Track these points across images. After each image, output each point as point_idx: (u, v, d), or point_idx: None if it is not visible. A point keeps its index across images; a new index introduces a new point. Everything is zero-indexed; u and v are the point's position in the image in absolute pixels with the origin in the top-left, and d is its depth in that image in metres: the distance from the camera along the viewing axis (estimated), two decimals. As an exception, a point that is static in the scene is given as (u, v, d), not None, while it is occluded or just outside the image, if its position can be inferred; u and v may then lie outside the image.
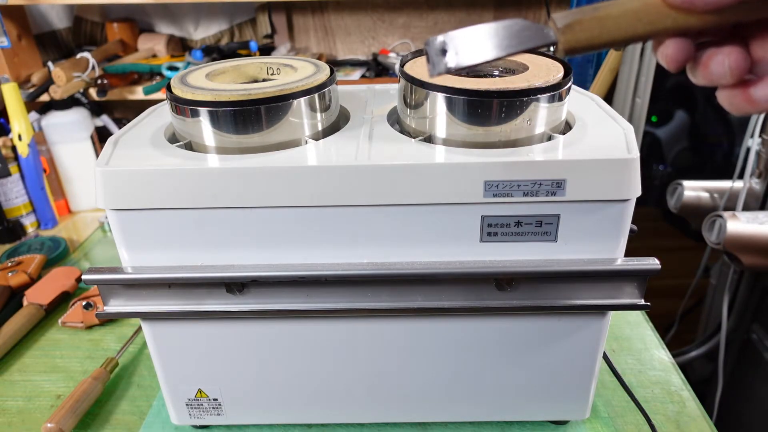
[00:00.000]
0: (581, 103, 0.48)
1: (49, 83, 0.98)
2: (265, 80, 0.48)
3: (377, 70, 1.15)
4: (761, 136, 0.96)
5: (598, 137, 0.41)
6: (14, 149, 0.90)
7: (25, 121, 0.89)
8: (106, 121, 1.07)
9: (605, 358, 0.54)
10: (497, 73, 0.46)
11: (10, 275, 0.75)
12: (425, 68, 0.43)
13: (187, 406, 0.51)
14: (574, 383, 0.49)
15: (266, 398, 0.50)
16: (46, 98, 0.98)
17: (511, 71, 0.45)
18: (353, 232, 0.41)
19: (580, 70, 1.11)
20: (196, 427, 0.53)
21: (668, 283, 0.99)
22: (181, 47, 1.24)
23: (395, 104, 0.49)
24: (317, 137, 0.44)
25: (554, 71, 0.42)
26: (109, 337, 0.68)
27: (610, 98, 1.13)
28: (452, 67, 0.28)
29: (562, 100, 0.41)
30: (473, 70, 0.46)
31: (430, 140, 0.42)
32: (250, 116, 0.41)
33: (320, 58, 1.20)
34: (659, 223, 1.45)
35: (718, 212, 0.90)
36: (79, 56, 1.04)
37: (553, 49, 0.28)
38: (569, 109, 0.46)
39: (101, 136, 1.05)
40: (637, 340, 0.66)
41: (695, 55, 0.28)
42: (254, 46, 1.10)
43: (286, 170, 0.39)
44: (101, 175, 0.39)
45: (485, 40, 0.28)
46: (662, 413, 0.55)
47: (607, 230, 0.41)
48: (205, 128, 0.41)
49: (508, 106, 0.39)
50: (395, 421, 0.54)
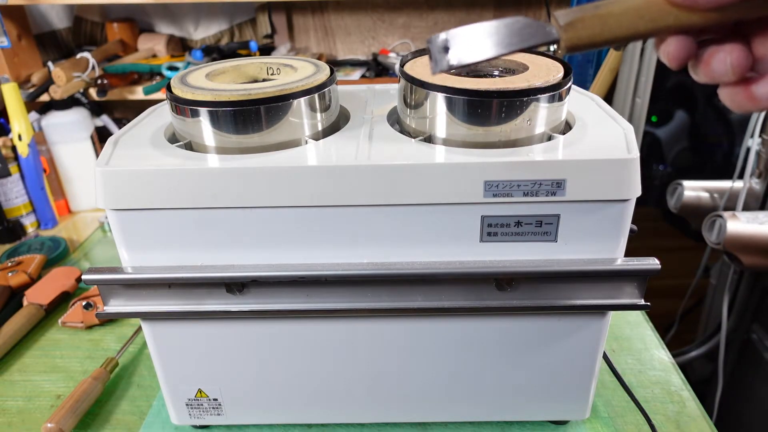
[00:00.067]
0: (581, 103, 0.48)
1: (49, 83, 0.98)
2: (265, 80, 0.48)
3: (377, 70, 1.15)
4: (761, 136, 0.96)
5: (598, 137, 0.41)
6: (14, 149, 0.90)
7: (25, 121, 0.89)
8: (106, 121, 1.07)
9: (605, 358, 0.54)
10: (497, 73, 0.46)
11: (10, 275, 0.75)
12: (425, 68, 0.43)
13: (187, 406, 0.51)
14: (574, 383, 0.49)
15: (266, 398, 0.50)
16: (46, 98, 0.98)
17: (511, 71, 0.45)
18: (353, 232, 0.41)
19: (580, 70, 1.11)
20: (196, 427, 0.53)
21: (668, 283, 0.99)
22: (181, 47, 1.24)
23: (395, 104, 0.49)
24: (317, 137, 0.44)
25: (554, 71, 0.42)
26: (109, 337, 0.68)
27: (610, 98, 1.13)
28: (455, 64, 0.28)
29: (562, 100, 0.41)
30: (474, 69, 0.46)
31: (430, 140, 0.42)
32: (250, 116, 0.41)
33: (320, 58, 1.20)
34: (659, 223, 1.45)
35: (718, 212, 0.90)
36: (79, 56, 1.04)
37: (555, 46, 0.28)
38: (569, 109, 0.46)
39: (101, 136, 1.05)
40: (637, 340, 0.66)
41: (697, 52, 0.28)
42: (254, 46, 1.10)
43: (286, 170, 0.39)
44: (101, 175, 0.39)
45: (487, 37, 0.28)
46: (662, 413, 0.55)
47: (607, 230, 0.41)
48: (205, 128, 0.41)
49: (508, 106, 0.39)
50: (395, 421, 0.54)
